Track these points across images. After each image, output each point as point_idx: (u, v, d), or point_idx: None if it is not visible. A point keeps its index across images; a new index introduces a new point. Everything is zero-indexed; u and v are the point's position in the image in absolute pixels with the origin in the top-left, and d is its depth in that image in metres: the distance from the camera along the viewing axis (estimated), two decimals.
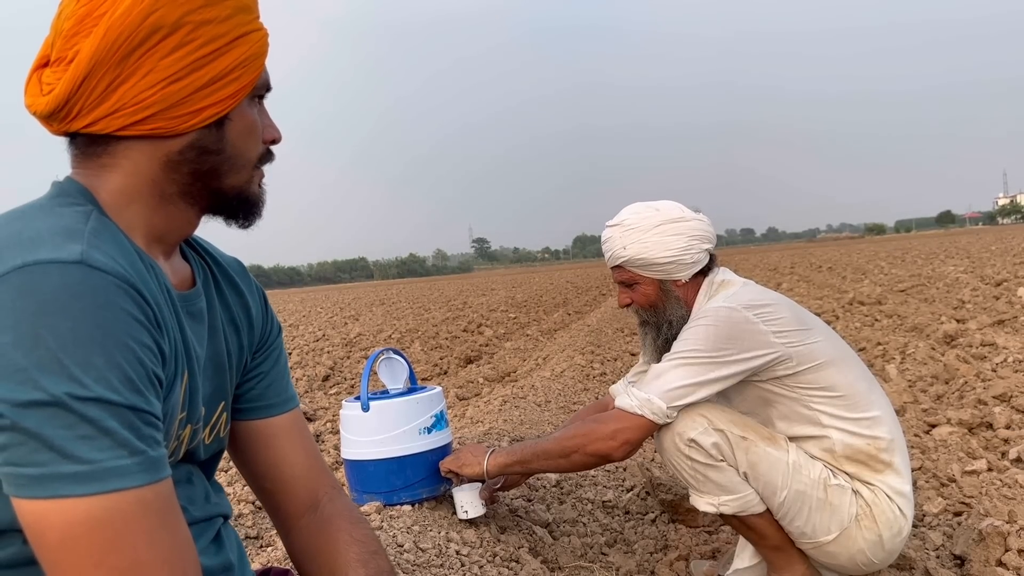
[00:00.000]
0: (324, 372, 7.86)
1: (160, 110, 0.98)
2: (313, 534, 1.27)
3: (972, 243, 30.00)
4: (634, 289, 2.24)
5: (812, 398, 2.05)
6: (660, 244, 2.15)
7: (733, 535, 2.61)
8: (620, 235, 2.21)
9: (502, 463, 2.27)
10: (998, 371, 4.90)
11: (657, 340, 2.24)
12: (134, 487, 0.84)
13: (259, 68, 1.05)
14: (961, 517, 2.75)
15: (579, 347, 7.53)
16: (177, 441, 1.05)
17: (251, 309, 1.25)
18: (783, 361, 2.02)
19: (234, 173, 1.06)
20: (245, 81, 1.03)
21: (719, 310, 2.06)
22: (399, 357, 2.53)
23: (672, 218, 2.17)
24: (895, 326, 7.63)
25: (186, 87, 0.99)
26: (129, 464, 0.83)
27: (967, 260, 17.18)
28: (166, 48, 0.97)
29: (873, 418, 2.05)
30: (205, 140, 1.03)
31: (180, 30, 0.97)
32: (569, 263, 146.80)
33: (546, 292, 21.27)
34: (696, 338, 2.04)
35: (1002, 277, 11.22)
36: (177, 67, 0.98)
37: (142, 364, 0.87)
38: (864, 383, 2.10)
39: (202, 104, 1.00)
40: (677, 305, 2.20)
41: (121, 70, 0.97)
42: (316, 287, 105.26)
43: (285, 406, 1.30)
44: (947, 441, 3.63)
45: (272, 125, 1.12)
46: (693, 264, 2.18)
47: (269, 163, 1.13)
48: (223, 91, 1.01)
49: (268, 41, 1.07)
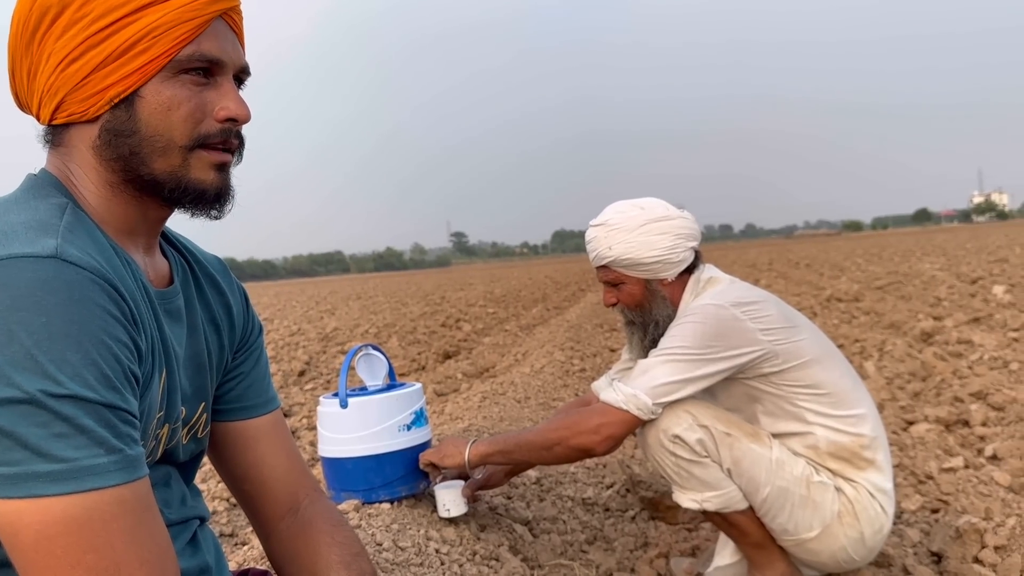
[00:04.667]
0: (300, 367, 7.80)
1: (66, 94, 0.95)
2: (294, 537, 1.25)
3: (948, 241, 30.37)
4: (620, 289, 2.23)
5: (798, 395, 2.05)
6: (646, 244, 2.13)
7: (713, 532, 2.61)
8: (605, 235, 2.19)
9: (483, 452, 2.24)
10: (974, 368, 4.95)
11: (644, 340, 2.23)
12: (111, 486, 0.82)
13: (179, 38, 0.95)
14: (938, 514, 2.76)
15: (558, 343, 7.52)
16: (155, 441, 1.03)
17: (232, 308, 1.23)
18: (769, 358, 2.02)
19: (158, 157, 0.97)
20: (155, 54, 0.94)
21: (707, 307, 2.05)
22: (378, 353, 2.50)
23: (657, 217, 2.16)
24: (873, 323, 7.69)
25: (84, 66, 0.94)
26: (106, 463, 0.82)
27: (943, 258, 17.37)
28: (59, 28, 0.94)
29: (857, 416, 2.06)
30: (115, 121, 0.96)
31: (69, 7, 0.93)
32: (548, 258, 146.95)
33: (525, 287, 21.26)
34: (683, 335, 2.03)
35: (977, 275, 11.36)
36: (72, 46, 0.94)
37: (118, 361, 0.85)
38: (849, 381, 2.11)
39: (105, 83, 0.94)
40: (663, 304, 2.19)
41: (30, 59, 0.96)
42: (291, 280, 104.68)
43: (266, 407, 1.27)
44: (924, 438, 3.66)
45: (228, 102, 1.00)
46: (679, 263, 2.17)
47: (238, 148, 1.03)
48: (125, 67, 0.94)
49: (209, 6, 0.97)
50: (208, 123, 0.99)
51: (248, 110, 1.02)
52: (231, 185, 1.04)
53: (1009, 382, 4.44)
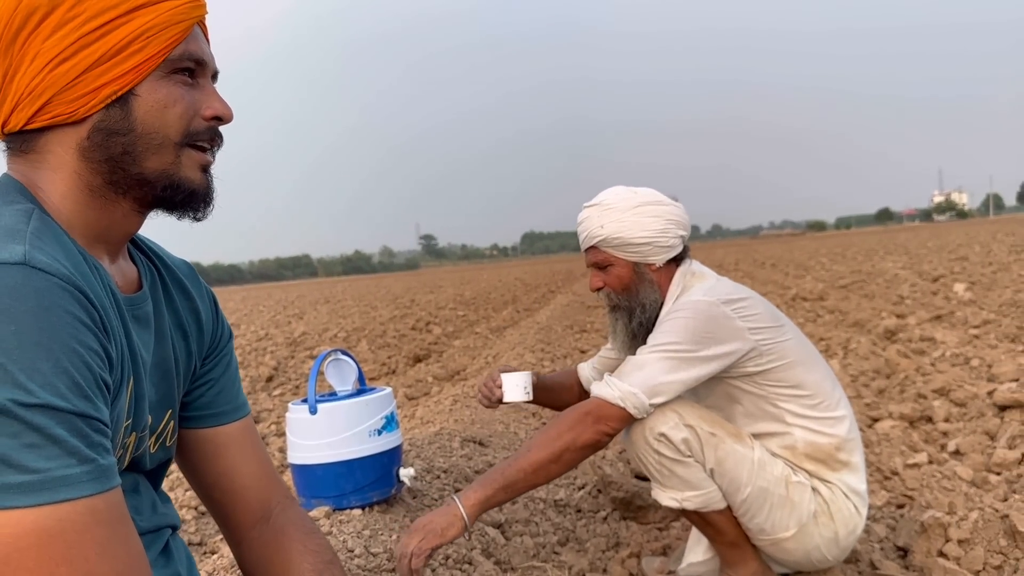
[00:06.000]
0: (268, 372, 7.72)
1: (54, 95, 0.94)
2: (265, 545, 1.24)
3: (910, 240, 30.89)
4: (607, 272, 2.20)
5: (779, 396, 2.06)
6: (637, 224, 2.13)
7: (684, 531, 2.62)
8: (598, 214, 2.17)
9: (481, 499, 1.97)
10: (936, 365, 5.04)
11: (630, 324, 2.20)
12: (84, 496, 0.81)
13: (171, 38, 0.98)
14: (904, 509, 2.81)
15: (529, 345, 7.54)
16: (122, 449, 1.01)
17: (201, 314, 1.21)
18: (755, 357, 2.03)
19: (152, 154, 0.99)
20: (150, 53, 0.96)
21: (698, 303, 2.04)
22: (348, 358, 2.48)
23: (650, 200, 2.16)
24: (837, 321, 7.80)
25: (76, 66, 0.93)
26: (79, 473, 0.80)
27: (906, 257, 17.67)
28: (47, 29, 0.93)
29: (836, 418, 2.08)
30: (109, 120, 0.96)
31: (59, 8, 0.92)
32: (518, 260, 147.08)
33: (495, 289, 21.26)
34: (676, 331, 2.01)
35: (939, 273, 11.58)
36: (62, 46, 0.93)
37: (89, 369, 0.84)
38: (829, 383, 2.12)
39: (98, 83, 0.94)
40: (651, 289, 2.17)
41: (10, 60, 0.93)
42: (258, 285, 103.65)
43: (236, 414, 1.26)
44: (889, 435, 3.72)
45: (214, 102, 1.03)
46: (669, 248, 2.16)
47: (216, 147, 1.06)
48: (121, 66, 0.95)
49: (193, 11, 1.00)
50: (197, 121, 1.02)
51: (231, 110, 1.05)
52: (214, 187, 1.06)
53: (970, 378, 4.53)
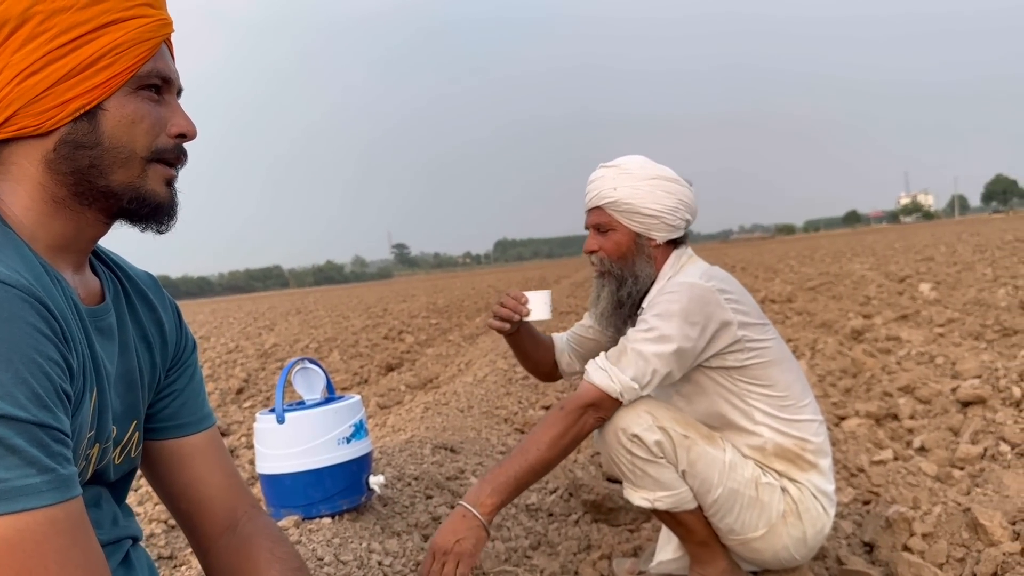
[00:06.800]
0: (238, 384, 7.65)
1: (21, 107, 0.94)
2: (232, 554, 1.23)
3: (877, 241, 31.31)
4: (607, 236, 2.16)
5: (750, 393, 2.07)
6: (651, 195, 2.10)
7: (654, 532, 2.64)
8: (613, 176, 2.14)
9: (496, 503, 1.93)
10: (902, 364, 5.13)
11: (617, 292, 2.17)
12: (44, 506, 0.80)
13: (140, 55, 1.00)
14: (870, 505, 2.85)
15: (501, 351, 7.53)
16: (85, 461, 1.01)
17: (164, 325, 1.22)
18: (736, 352, 2.04)
19: (119, 168, 1.00)
20: (118, 69, 0.98)
21: (694, 286, 2.02)
22: (315, 366, 2.48)
23: (668, 177, 2.14)
24: (805, 323, 7.89)
25: (44, 79, 0.94)
26: (38, 483, 0.80)
27: (872, 258, 17.92)
28: (16, 42, 0.93)
29: (804, 421, 2.09)
30: (76, 134, 0.97)
31: (29, 21, 0.93)
32: (491, 267, 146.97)
33: (468, 297, 21.24)
34: (673, 315, 1.99)
35: (905, 274, 11.76)
36: (31, 59, 0.94)
37: (49, 379, 0.84)
38: (800, 386, 2.13)
39: (67, 96, 0.96)
40: (647, 263, 2.15)
41: None
42: (228, 297, 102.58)
43: (201, 424, 1.26)
44: (856, 433, 3.77)
45: (179, 119, 1.06)
46: (673, 228, 2.14)
47: (181, 164, 1.07)
48: (89, 81, 0.96)
49: (161, 29, 1.02)
50: (163, 138, 1.04)
51: (196, 128, 1.07)
52: (178, 201, 1.08)
53: (935, 376, 4.61)
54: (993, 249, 15.21)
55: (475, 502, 1.91)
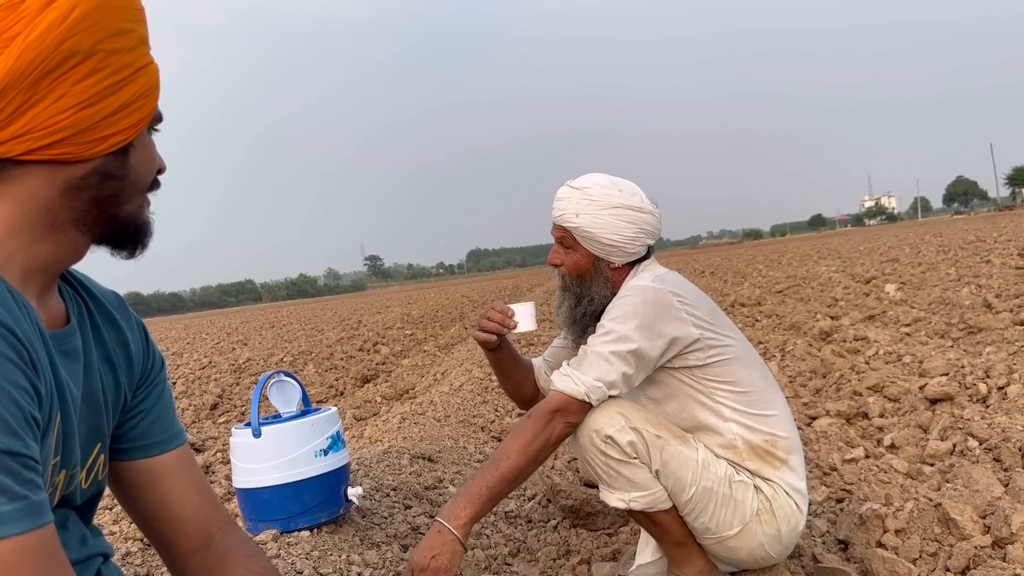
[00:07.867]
0: (212, 400, 7.58)
1: (70, 135, 0.97)
2: (208, 572, 1.23)
3: (842, 244, 31.70)
4: (568, 254, 2.24)
5: (716, 391, 2.11)
6: (611, 226, 2.15)
7: (632, 535, 2.66)
8: (577, 200, 2.19)
9: (471, 516, 1.94)
10: (870, 363, 5.20)
11: (575, 309, 2.24)
12: (16, 534, 0.80)
13: (157, 98, 1.07)
14: (843, 503, 2.89)
15: (477, 360, 7.54)
16: (52, 487, 1.00)
17: (130, 346, 1.21)
18: (697, 351, 2.08)
19: (132, 199, 1.07)
20: (148, 110, 1.05)
21: (647, 289, 2.08)
22: (291, 379, 2.47)
23: (631, 205, 2.17)
24: (774, 325, 7.98)
25: (97, 113, 0.98)
26: (9, 511, 0.80)
27: (838, 260, 18.15)
28: (80, 73, 0.96)
29: (771, 416, 2.13)
30: (110, 166, 1.02)
31: (93, 56, 0.97)
32: (464, 278, 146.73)
33: (442, 307, 21.21)
34: (627, 318, 2.04)
35: (871, 275, 11.92)
36: (90, 93, 0.97)
37: (19, 406, 0.84)
38: (764, 382, 2.18)
39: (111, 131, 1.01)
40: (604, 285, 2.21)
41: (33, 93, 0.94)
42: (200, 312, 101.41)
43: (171, 443, 1.25)
44: (827, 432, 3.82)
45: (159, 155, 1.13)
46: (632, 254, 2.21)
47: (155, 192, 1.14)
48: (129, 119, 1.02)
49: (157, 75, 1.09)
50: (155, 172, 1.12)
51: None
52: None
53: (903, 374, 4.68)
54: (956, 249, 15.49)
55: (449, 517, 1.93)
